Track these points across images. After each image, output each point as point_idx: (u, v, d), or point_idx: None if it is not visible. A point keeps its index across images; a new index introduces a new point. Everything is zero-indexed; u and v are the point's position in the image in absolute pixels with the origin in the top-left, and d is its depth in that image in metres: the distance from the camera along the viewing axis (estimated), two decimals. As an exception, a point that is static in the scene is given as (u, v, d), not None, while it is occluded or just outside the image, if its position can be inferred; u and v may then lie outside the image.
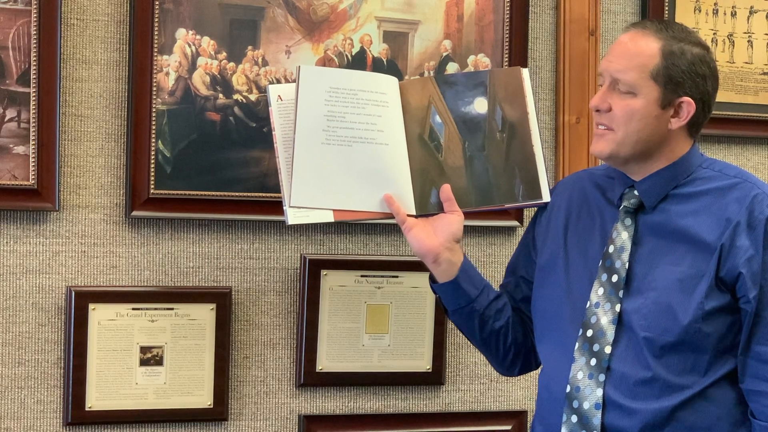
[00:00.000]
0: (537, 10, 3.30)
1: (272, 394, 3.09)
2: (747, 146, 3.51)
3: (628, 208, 2.45)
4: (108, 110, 2.96)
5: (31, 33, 2.85)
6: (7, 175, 2.84)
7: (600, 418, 2.37)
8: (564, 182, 2.67)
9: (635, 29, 2.44)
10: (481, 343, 2.65)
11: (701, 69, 2.40)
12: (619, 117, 2.41)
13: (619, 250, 2.42)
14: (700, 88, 2.40)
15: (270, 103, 2.63)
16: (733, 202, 2.39)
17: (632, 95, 2.40)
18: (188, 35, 2.96)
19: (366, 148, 2.60)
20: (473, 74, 2.80)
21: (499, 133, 2.68)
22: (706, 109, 2.44)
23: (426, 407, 3.22)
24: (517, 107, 2.68)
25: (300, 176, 2.57)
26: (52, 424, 2.93)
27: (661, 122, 2.40)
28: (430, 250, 2.56)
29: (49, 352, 2.92)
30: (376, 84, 2.65)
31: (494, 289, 2.64)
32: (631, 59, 2.40)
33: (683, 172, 2.44)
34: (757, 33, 3.49)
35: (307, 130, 2.58)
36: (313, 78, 2.60)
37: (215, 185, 2.99)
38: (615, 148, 2.43)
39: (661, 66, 2.38)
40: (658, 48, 2.38)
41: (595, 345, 2.40)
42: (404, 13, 3.14)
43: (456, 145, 2.67)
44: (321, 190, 2.58)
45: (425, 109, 2.67)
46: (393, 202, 2.60)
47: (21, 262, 2.90)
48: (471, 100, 2.69)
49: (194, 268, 3.02)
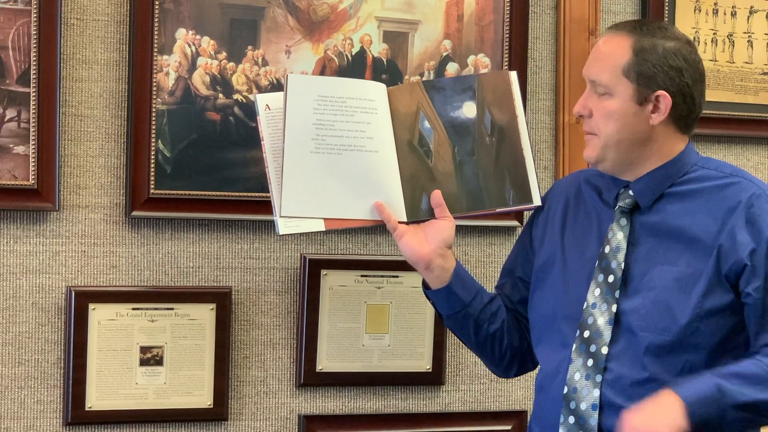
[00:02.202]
0: (537, 10, 3.30)
1: (272, 394, 3.09)
2: (747, 146, 3.51)
3: (623, 208, 2.45)
4: (108, 110, 2.96)
5: (31, 33, 2.85)
6: (7, 175, 2.84)
7: (597, 419, 2.37)
8: (560, 183, 2.67)
9: (609, 32, 2.45)
10: (477, 347, 2.65)
11: (675, 62, 2.38)
12: (599, 119, 2.42)
13: (614, 250, 2.42)
14: (675, 80, 2.38)
15: (258, 112, 2.63)
16: (730, 200, 2.39)
17: (609, 96, 2.40)
18: (188, 35, 2.97)
19: (355, 155, 2.60)
20: (461, 79, 2.79)
21: (489, 137, 2.67)
22: (689, 101, 2.41)
23: (426, 407, 3.22)
24: (505, 111, 2.68)
25: (290, 186, 2.56)
26: (52, 424, 2.93)
27: (641, 119, 2.40)
28: (422, 257, 2.56)
29: (49, 352, 2.92)
30: (365, 91, 2.64)
31: (488, 293, 2.64)
32: (604, 60, 2.41)
33: (678, 171, 2.44)
34: (757, 33, 3.49)
35: (296, 139, 2.57)
36: (301, 86, 2.60)
37: (215, 185, 2.99)
38: (600, 152, 2.43)
39: (632, 62, 2.38)
40: (628, 45, 2.39)
41: (592, 346, 2.40)
42: (404, 13, 3.14)
43: (446, 150, 2.66)
44: (311, 199, 2.57)
45: (414, 115, 2.66)
46: (383, 209, 2.59)
47: (21, 262, 2.90)
48: (460, 105, 2.68)
49: (194, 268, 3.02)
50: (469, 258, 3.22)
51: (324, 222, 2.59)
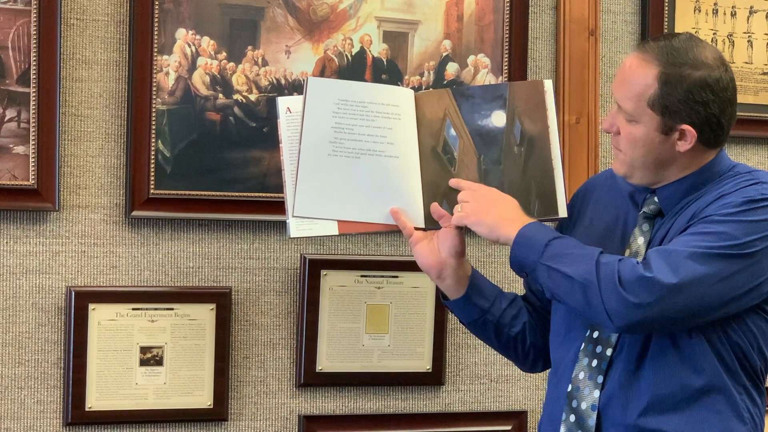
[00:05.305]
0: (537, 10, 3.30)
1: (272, 394, 3.09)
2: (747, 146, 3.51)
3: (647, 214, 2.43)
4: (108, 110, 2.96)
5: (31, 33, 2.85)
6: (7, 175, 2.84)
7: (595, 419, 2.37)
8: (595, 179, 2.64)
9: (637, 52, 2.38)
10: (501, 349, 2.64)
11: (700, 96, 2.33)
12: (625, 143, 2.39)
13: (633, 254, 2.40)
14: (701, 114, 2.33)
15: (279, 115, 2.61)
16: (729, 186, 2.37)
17: (635, 122, 2.37)
18: (188, 35, 2.96)
19: (374, 160, 2.58)
20: (492, 87, 2.75)
21: (517, 146, 2.63)
22: (716, 128, 2.36)
23: (426, 407, 3.22)
24: (537, 121, 2.63)
25: (304, 186, 2.54)
26: (52, 424, 2.93)
27: (667, 147, 2.37)
28: (432, 267, 2.55)
29: (49, 352, 2.92)
30: (389, 96, 2.61)
31: (508, 295, 2.62)
32: (630, 88, 2.37)
33: (705, 180, 2.40)
34: (757, 33, 3.49)
35: (314, 141, 2.55)
36: (322, 90, 2.58)
37: (215, 185, 2.99)
38: (627, 169, 2.42)
39: (657, 95, 2.33)
40: (654, 76, 2.34)
41: (599, 347, 2.39)
42: (404, 13, 3.14)
43: (471, 158, 2.63)
44: (326, 200, 2.55)
45: (440, 122, 2.63)
46: (399, 216, 2.57)
47: (21, 262, 2.90)
48: (488, 113, 2.65)
49: (194, 268, 3.02)
50: (469, 258, 3.19)
51: (338, 225, 2.57)
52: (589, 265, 2.28)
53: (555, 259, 2.33)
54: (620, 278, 2.24)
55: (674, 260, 2.25)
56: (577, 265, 2.30)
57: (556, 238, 2.36)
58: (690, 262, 2.25)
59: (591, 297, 2.27)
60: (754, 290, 2.31)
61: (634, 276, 2.24)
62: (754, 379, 2.38)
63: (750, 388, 2.38)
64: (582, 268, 2.29)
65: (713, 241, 2.27)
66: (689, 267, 2.24)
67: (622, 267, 2.26)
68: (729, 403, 2.35)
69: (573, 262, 2.31)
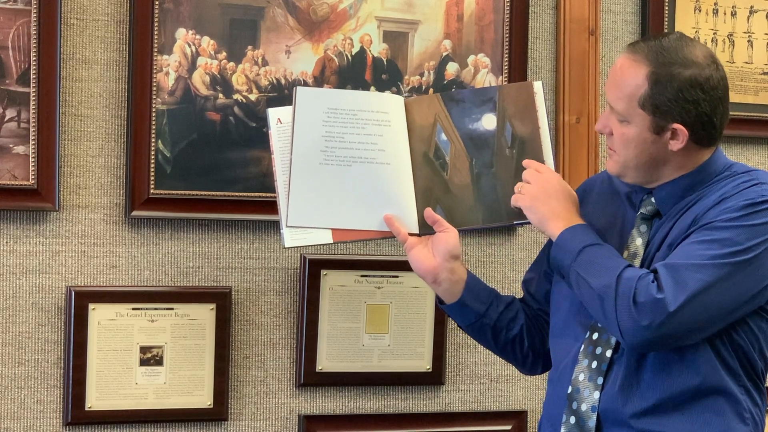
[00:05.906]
0: (537, 10, 3.30)
1: (272, 394, 3.09)
2: (747, 146, 3.51)
3: (644, 215, 2.43)
4: (108, 110, 2.96)
5: (31, 33, 2.85)
6: (7, 175, 2.84)
7: (595, 421, 2.37)
8: (592, 180, 2.64)
9: (628, 53, 2.38)
10: (499, 351, 2.65)
11: (690, 94, 2.32)
12: (618, 143, 2.40)
13: (631, 256, 2.41)
14: (691, 113, 2.33)
15: (269, 126, 2.62)
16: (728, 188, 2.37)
17: (627, 123, 2.37)
18: (188, 35, 2.96)
19: (366, 167, 2.59)
20: (481, 91, 2.75)
21: (509, 149, 2.63)
22: (708, 127, 2.36)
23: (426, 407, 3.22)
24: (528, 123, 2.64)
25: (297, 196, 2.56)
26: (52, 424, 2.93)
27: (659, 146, 2.37)
28: (428, 271, 2.55)
29: (49, 352, 2.92)
30: (378, 103, 2.62)
31: (505, 298, 2.62)
32: (621, 88, 2.37)
33: (702, 180, 2.40)
34: (757, 33, 3.49)
35: (305, 150, 2.57)
36: (311, 99, 2.59)
37: (215, 185, 2.99)
38: (621, 169, 2.42)
39: (648, 95, 2.33)
40: (645, 75, 2.33)
41: (598, 348, 2.39)
42: (404, 12, 3.14)
43: (462, 162, 2.64)
44: (319, 209, 2.57)
45: (431, 127, 2.64)
46: (393, 222, 2.58)
47: (21, 262, 2.90)
48: (479, 117, 2.65)
49: (194, 268, 3.02)
50: (469, 258, 3.22)
51: (332, 233, 2.58)
52: (611, 279, 2.29)
53: (584, 266, 2.35)
54: (635, 298, 2.26)
55: (682, 277, 2.25)
56: (600, 277, 2.31)
57: (592, 245, 2.37)
58: (698, 276, 2.25)
59: (607, 311, 2.29)
60: (758, 294, 2.32)
61: (648, 297, 2.25)
62: (754, 379, 2.39)
63: (751, 388, 2.38)
64: (603, 281, 2.30)
65: (718, 249, 2.27)
66: (697, 280, 2.25)
67: (640, 285, 2.27)
68: (730, 404, 2.35)
69: (598, 273, 2.32)
